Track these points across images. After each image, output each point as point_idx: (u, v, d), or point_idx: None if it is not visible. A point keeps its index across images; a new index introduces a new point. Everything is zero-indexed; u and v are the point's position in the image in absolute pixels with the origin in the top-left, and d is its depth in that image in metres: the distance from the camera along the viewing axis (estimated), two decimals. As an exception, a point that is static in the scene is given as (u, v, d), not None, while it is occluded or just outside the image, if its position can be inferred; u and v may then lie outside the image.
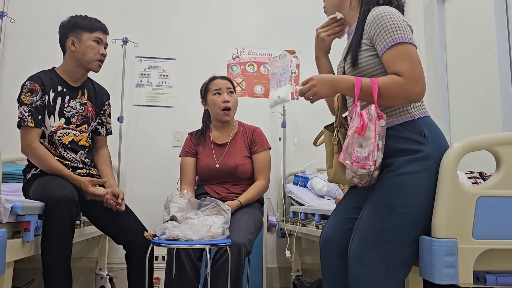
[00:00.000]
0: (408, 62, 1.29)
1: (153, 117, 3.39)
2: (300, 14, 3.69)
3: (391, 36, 1.31)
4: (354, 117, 1.28)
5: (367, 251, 1.30)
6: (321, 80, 1.38)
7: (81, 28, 1.99)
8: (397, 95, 1.30)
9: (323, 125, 1.63)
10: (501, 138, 1.32)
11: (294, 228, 2.79)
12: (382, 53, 1.33)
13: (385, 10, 1.35)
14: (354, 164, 1.24)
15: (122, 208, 1.94)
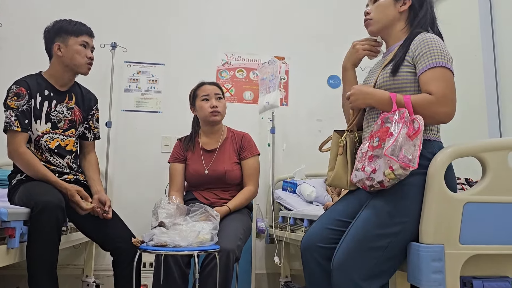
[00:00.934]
0: (443, 84, 1.35)
1: (142, 123, 3.37)
2: (290, 21, 3.71)
3: (434, 59, 1.38)
4: (397, 123, 1.29)
5: (355, 256, 1.31)
6: (359, 91, 1.48)
7: (66, 33, 1.97)
8: (426, 112, 1.34)
9: (312, 131, 1.67)
10: (487, 145, 1.34)
11: (283, 234, 2.78)
12: (421, 72, 1.39)
13: (434, 37, 1.44)
14: (401, 162, 1.23)
15: (109, 216, 1.92)
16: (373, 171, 1.31)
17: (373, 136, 1.37)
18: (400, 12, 1.56)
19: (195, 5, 3.60)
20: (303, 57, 3.69)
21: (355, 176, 1.39)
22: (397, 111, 1.31)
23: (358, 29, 3.91)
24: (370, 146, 1.36)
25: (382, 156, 1.28)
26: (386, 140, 1.28)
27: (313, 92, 3.66)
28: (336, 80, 3.73)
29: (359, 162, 1.40)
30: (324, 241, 1.51)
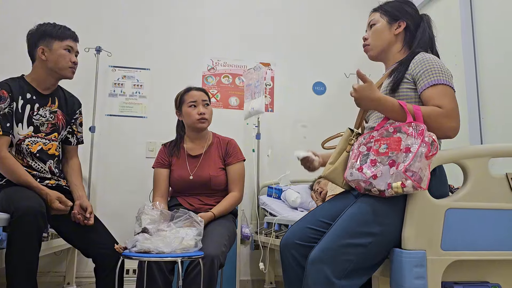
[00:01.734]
0: (449, 99, 1.37)
1: (126, 127, 3.35)
2: (275, 27, 3.74)
3: (436, 76, 1.40)
4: (414, 138, 1.26)
5: (331, 251, 1.30)
6: (363, 96, 1.39)
7: (51, 37, 1.95)
8: (435, 125, 1.34)
9: (297, 137, 1.68)
10: (468, 152, 1.37)
11: (268, 240, 2.78)
12: (423, 89, 1.41)
13: (433, 56, 1.47)
14: (414, 182, 1.21)
15: (91, 222, 1.89)
16: (373, 176, 1.29)
17: (379, 141, 1.34)
18: (396, 35, 1.60)
19: (181, 11, 3.60)
20: (289, 64, 3.72)
21: (350, 175, 1.37)
22: (413, 124, 1.28)
23: (344, 37, 3.98)
24: (375, 150, 1.33)
25: (386, 164, 1.27)
26: (398, 153, 1.25)
27: (298, 98, 3.69)
28: (321, 87, 3.76)
29: (355, 160, 1.38)
30: (303, 239, 1.52)
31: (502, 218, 1.34)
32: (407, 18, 1.60)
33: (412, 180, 1.20)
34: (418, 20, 1.61)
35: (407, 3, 1.64)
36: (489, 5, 2.62)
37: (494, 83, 2.55)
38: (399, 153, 1.26)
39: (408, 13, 1.61)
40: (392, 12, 1.62)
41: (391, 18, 1.61)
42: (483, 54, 2.64)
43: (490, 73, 2.59)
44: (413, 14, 1.62)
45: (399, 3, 1.64)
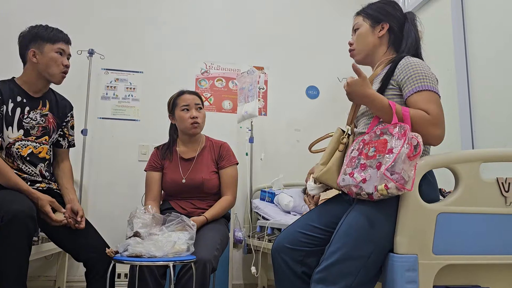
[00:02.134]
0: (434, 105, 1.36)
1: (119, 131, 3.33)
2: (269, 31, 3.75)
3: (421, 82, 1.39)
4: (397, 139, 1.26)
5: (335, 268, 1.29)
6: (355, 92, 1.40)
7: (42, 39, 1.93)
8: (421, 130, 1.32)
9: (290, 141, 1.67)
10: (460, 156, 1.37)
11: (261, 244, 2.78)
12: (409, 95, 1.40)
13: (418, 61, 1.45)
14: (397, 183, 1.21)
15: (82, 226, 1.87)
16: (363, 180, 1.29)
17: (369, 145, 1.34)
18: (380, 37, 1.59)
19: (175, 14, 3.59)
20: (282, 68, 3.72)
21: (343, 180, 1.36)
22: (399, 125, 1.28)
23: (337, 40, 3.99)
24: (364, 154, 1.33)
25: (374, 167, 1.27)
26: (384, 155, 1.25)
27: (292, 102, 3.70)
28: (314, 91, 3.78)
29: (348, 166, 1.37)
30: (294, 243, 1.52)
31: (493, 223, 1.35)
32: (390, 19, 1.59)
33: (394, 181, 1.20)
34: (402, 21, 1.59)
35: (389, 3, 1.63)
36: (481, 10, 2.65)
37: (485, 88, 2.57)
38: (385, 155, 1.26)
39: (390, 14, 1.59)
40: (374, 14, 1.61)
41: (373, 21, 1.60)
42: (475, 59, 2.66)
43: (481, 78, 2.61)
44: (396, 14, 1.60)
45: (382, 4, 1.63)
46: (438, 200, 1.39)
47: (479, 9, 2.66)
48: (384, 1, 1.64)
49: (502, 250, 1.34)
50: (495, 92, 2.49)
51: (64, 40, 1.99)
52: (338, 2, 3.88)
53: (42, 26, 1.98)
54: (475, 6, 2.70)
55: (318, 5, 3.89)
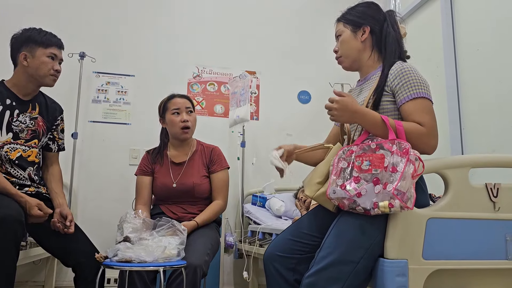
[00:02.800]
0: (429, 115, 1.37)
1: (110, 134, 3.31)
2: (262, 36, 3.76)
3: (415, 90, 1.39)
4: (399, 157, 1.23)
5: (325, 273, 1.29)
6: (344, 108, 1.36)
7: (35, 43, 1.91)
8: (416, 142, 1.33)
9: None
10: (449, 162, 1.38)
11: (252, 249, 2.77)
12: (403, 102, 1.41)
13: (410, 66, 1.45)
14: (403, 203, 1.19)
15: (71, 231, 1.85)
16: (357, 194, 1.25)
17: (361, 157, 1.30)
18: (363, 41, 1.58)
19: (167, 18, 3.59)
20: (274, 72, 3.73)
21: (333, 192, 1.31)
22: (398, 142, 1.26)
23: (329, 46, 3.99)
24: (357, 167, 1.29)
25: (370, 181, 1.25)
26: (382, 171, 1.23)
27: (284, 107, 3.70)
28: (306, 96, 3.79)
29: (338, 177, 1.33)
30: (285, 251, 1.52)
31: (482, 228, 1.36)
32: (370, 22, 1.58)
33: (400, 200, 1.19)
34: (382, 22, 1.58)
35: (368, 6, 1.62)
36: (470, 18, 2.68)
37: (475, 95, 2.60)
38: (383, 171, 1.24)
39: (370, 17, 1.59)
40: (354, 20, 1.60)
41: (354, 26, 1.59)
42: (464, 66, 2.69)
43: (471, 85, 2.64)
44: (376, 16, 1.59)
45: (361, 8, 1.62)
46: (428, 205, 1.40)
47: (469, 17, 2.70)
48: (362, 4, 1.64)
49: (491, 255, 1.35)
50: (484, 99, 2.52)
51: (57, 44, 1.97)
52: (330, 8, 3.90)
53: (35, 29, 1.96)
54: (465, 14, 2.73)
55: (310, 11, 3.91)
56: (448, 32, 2.77)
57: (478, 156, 1.50)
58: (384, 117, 1.36)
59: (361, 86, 1.63)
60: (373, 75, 1.57)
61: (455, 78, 2.71)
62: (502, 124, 2.35)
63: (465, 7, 2.73)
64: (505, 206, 1.38)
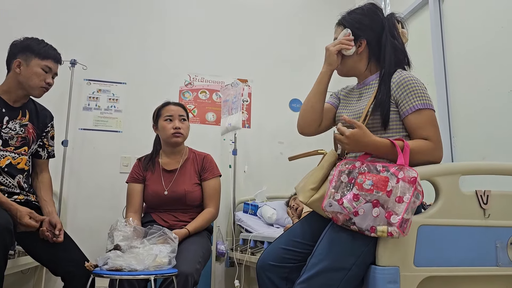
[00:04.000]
0: (434, 128, 1.40)
1: (100, 142, 3.29)
2: (253, 44, 3.78)
3: (418, 100, 1.41)
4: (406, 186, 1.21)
5: (316, 281, 1.29)
6: (356, 142, 1.35)
7: (32, 52, 1.90)
8: (426, 158, 1.37)
9: (273, 154, 1.64)
10: (440, 169, 1.39)
11: (243, 257, 2.76)
12: (406, 114, 1.42)
13: (410, 75, 1.46)
14: (400, 229, 1.18)
15: (60, 239, 1.83)
16: (354, 213, 1.24)
17: (364, 175, 1.27)
18: (359, 54, 1.57)
19: (159, 25, 3.60)
20: (266, 80, 3.75)
21: (329, 205, 1.29)
22: (406, 169, 1.24)
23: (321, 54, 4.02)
24: (358, 184, 1.26)
25: (370, 202, 1.23)
26: (388, 196, 1.21)
27: (275, 115, 3.72)
28: (297, 104, 3.81)
29: (336, 190, 1.30)
30: (277, 260, 1.51)
31: (473, 235, 1.37)
32: (366, 34, 1.56)
33: (401, 232, 1.18)
34: (379, 32, 1.55)
35: (368, 12, 1.59)
36: (459, 27, 2.72)
37: (464, 103, 2.63)
38: (384, 195, 1.21)
39: (368, 28, 1.56)
40: (352, 30, 1.57)
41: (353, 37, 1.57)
42: (454, 74, 2.73)
43: (460, 94, 2.67)
44: (374, 26, 1.56)
45: (360, 16, 1.59)
46: (419, 212, 1.41)
47: (457, 26, 2.74)
48: (363, 8, 1.60)
49: (482, 262, 1.36)
50: (473, 107, 2.55)
51: (55, 58, 1.96)
52: (321, 16, 3.94)
53: (37, 39, 1.95)
54: (453, 23, 2.77)
55: (302, 19, 3.94)
56: (438, 41, 2.81)
57: (468, 163, 1.51)
58: (394, 142, 1.35)
59: (360, 90, 1.62)
60: (372, 80, 1.57)
61: (444, 87, 2.74)
62: (492, 132, 2.38)
63: (454, 17, 2.77)
64: (495, 213, 1.39)
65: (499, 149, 2.32)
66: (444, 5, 2.84)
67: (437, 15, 2.85)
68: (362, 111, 1.50)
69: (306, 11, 3.97)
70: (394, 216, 1.19)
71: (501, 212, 1.40)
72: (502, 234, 1.39)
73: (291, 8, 3.95)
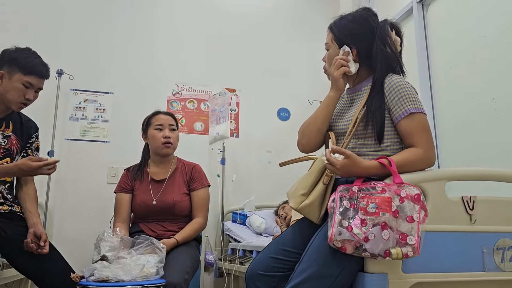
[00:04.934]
0: (426, 132, 1.40)
1: (87, 152, 3.26)
2: (241, 54, 3.79)
3: (410, 105, 1.41)
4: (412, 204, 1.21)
5: (306, 284, 1.28)
6: (347, 171, 1.34)
7: (17, 66, 1.87)
8: (415, 168, 1.37)
9: (261, 163, 1.63)
10: (426, 176, 1.40)
11: (232, 267, 2.74)
12: (399, 120, 1.42)
13: (402, 80, 1.46)
14: (418, 252, 1.18)
15: (45, 251, 1.79)
16: (365, 239, 1.19)
17: (365, 198, 1.23)
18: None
19: (146, 35, 3.60)
20: (254, 90, 3.76)
21: (339, 234, 1.22)
22: (406, 187, 1.23)
23: (308, 64, 4.07)
24: (363, 209, 1.22)
25: (378, 225, 1.20)
26: (390, 215, 1.19)
27: (263, 124, 3.73)
28: (285, 113, 3.82)
29: (344, 218, 1.23)
30: (266, 269, 1.50)
31: (460, 240, 1.38)
32: (356, 43, 1.53)
33: (418, 250, 1.18)
34: (370, 40, 1.53)
35: (358, 21, 1.56)
36: (443, 36, 2.78)
37: (449, 111, 2.67)
38: (391, 216, 1.20)
39: (358, 37, 1.54)
40: (341, 39, 1.56)
41: (341, 45, 1.56)
42: (438, 83, 2.77)
43: (445, 102, 2.71)
44: (364, 34, 1.54)
45: (350, 22, 1.57)
46: None
47: (441, 35, 2.79)
48: (354, 15, 1.58)
49: (469, 267, 1.37)
50: (457, 116, 2.59)
51: (39, 74, 1.92)
52: (309, 27, 3.99)
53: (26, 52, 1.92)
54: (437, 32, 2.83)
55: (289, 30, 3.98)
56: (422, 50, 2.86)
57: (454, 169, 1.53)
58: (381, 161, 1.34)
59: (351, 96, 1.61)
60: (364, 87, 1.56)
61: (429, 95, 2.78)
62: (476, 139, 2.42)
63: (438, 26, 2.82)
64: (481, 219, 1.41)
65: (484, 155, 2.35)
66: (428, 15, 2.90)
67: (421, 25, 2.91)
68: (352, 118, 1.50)
69: (292, 22, 4.01)
70: (410, 238, 1.18)
71: (487, 217, 1.42)
72: (488, 240, 1.40)
73: (278, 18, 3.98)
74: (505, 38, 2.27)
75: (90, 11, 3.49)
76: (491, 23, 2.37)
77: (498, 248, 1.41)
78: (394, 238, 1.19)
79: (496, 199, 1.47)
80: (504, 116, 2.24)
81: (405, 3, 3.10)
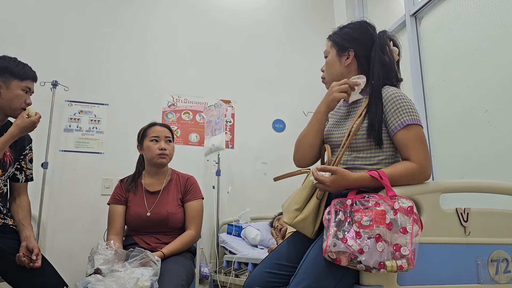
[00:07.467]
0: (421, 145, 1.38)
1: (81, 164, 3.25)
2: (236, 65, 3.82)
3: (407, 116, 1.40)
4: (405, 217, 1.21)
5: None
6: (337, 186, 1.34)
7: (11, 74, 1.88)
8: (410, 180, 1.36)
9: (257, 174, 1.63)
10: (420, 188, 1.41)
11: (227, 279, 2.72)
12: (395, 132, 1.41)
13: (399, 92, 1.45)
14: (413, 263, 1.17)
15: (37, 265, 1.77)
16: (360, 251, 1.19)
17: (360, 213, 1.24)
18: (347, 66, 1.55)
19: (142, 46, 3.61)
20: (249, 101, 3.78)
21: (334, 245, 1.22)
22: (400, 199, 1.23)
23: (303, 75, 4.10)
24: (357, 222, 1.23)
25: (373, 237, 1.20)
26: (384, 227, 1.20)
27: (259, 136, 3.73)
28: (280, 124, 3.83)
29: (339, 230, 1.24)
30: (263, 284, 1.49)
31: (454, 252, 1.38)
32: (355, 46, 1.54)
33: (412, 261, 1.17)
34: (369, 46, 1.53)
35: (359, 27, 1.57)
36: (436, 48, 2.81)
37: (442, 123, 2.69)
38: (385, 229, 1.20)
39: (356, 41, 1.54)
40: (340, 42, 1.56)
41: (339, 49, 1.56)
42: (432, 95, 2.80)
43: (438, 114, 2.73)
44: (363, 40, 1.54)
45: (350, 30, 1.58)
46: None
47: (434, 47, 2.82)
48: (354, 24, 1.59)
49: (464, 279, 1.37)
50: (451, 127, 2.61)
51: (33, 78, 1.95)
52: (303, 39, 4.02)
53: (12, 59, 1.92)
54: (430, 44, 2.86)
55: (284, 42, 4.01)
56: (416, 62, 2.89)
57: (449, 181, 1.53)
58: (372, 173, 1.34)
59: (348, 108, 1.60)
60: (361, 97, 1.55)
61: (423, 106, 2.81)
62: (469, 151, 2.43)
63: (431, 39, 2.86)
64: (475, 231, 1.41)
65: (477, 167, 2.37)
66: (421, 28, 2.94)
67: (414, 38, 2.94)
68: (346, 130, 1.50)
69: (288, 34, 4.04)
70: (404, 248, 1.18)
71: (481, 229, 1.43)
72: (482, 251, 1.41)
73: (273, 30, 4.01)
74: (498, 51, 2.30)
75: (86, 23, 3.50)
76: (484, 36, 2.40)
77: (493, 260, 1.41)
78: (389, 250, 1.19)
79: (490, 210, 1.47)
80: (497, 128, 2.26)
81: (398, 17, 3.14)
